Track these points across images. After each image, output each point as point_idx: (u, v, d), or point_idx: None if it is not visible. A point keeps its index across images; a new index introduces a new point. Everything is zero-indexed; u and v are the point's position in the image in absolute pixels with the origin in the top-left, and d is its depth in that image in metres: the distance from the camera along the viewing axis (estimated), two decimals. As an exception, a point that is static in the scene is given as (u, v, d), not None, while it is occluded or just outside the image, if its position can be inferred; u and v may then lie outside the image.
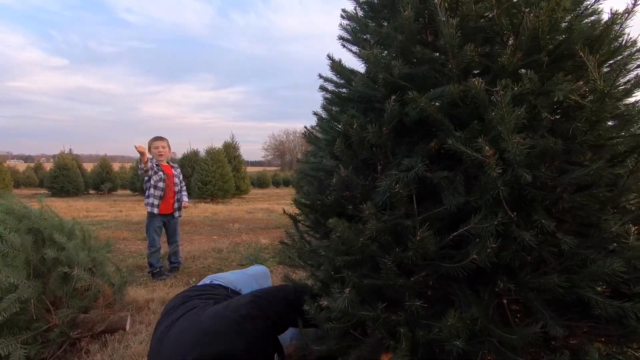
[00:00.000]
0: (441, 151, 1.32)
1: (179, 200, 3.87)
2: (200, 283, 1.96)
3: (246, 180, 14.66)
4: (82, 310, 2.02)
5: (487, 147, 0.98)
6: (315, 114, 1.64)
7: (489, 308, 1.18)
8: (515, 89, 1.10)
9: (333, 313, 1.10)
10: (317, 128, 1.72)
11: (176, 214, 3.85)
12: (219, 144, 14.51)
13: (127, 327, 2.17)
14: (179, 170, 4.01)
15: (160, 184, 3.71)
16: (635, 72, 1.30)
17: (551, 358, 1.10)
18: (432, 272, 1.16)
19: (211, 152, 12.66)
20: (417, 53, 1.30)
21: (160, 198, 3.72)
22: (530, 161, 1.08)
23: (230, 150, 14.52)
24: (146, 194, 3.79)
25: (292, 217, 1.60)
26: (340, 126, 1.44)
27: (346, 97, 1.60)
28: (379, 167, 1.29)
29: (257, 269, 2.27)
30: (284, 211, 1.64)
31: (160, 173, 3.74)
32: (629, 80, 1.27)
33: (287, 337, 1.80)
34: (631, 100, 1.23)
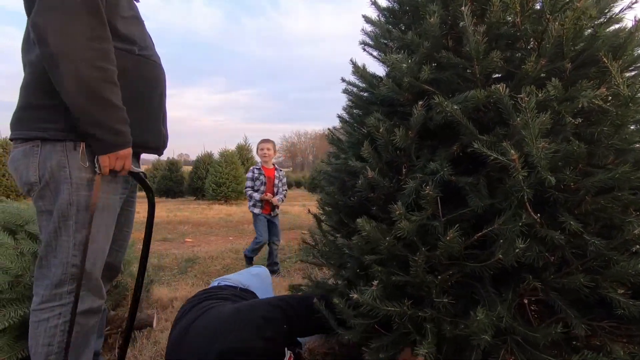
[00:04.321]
0: (461, 155, 1.36)
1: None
2: (210, 286, 2.04)
3: (259, 182, 14.80)
4: (111, 307, 2.11)
5: (512, 151, 1.02)
6: (339, 116, 1.69)
7: (512, 307, 1.22)
8: (540, 95, 1.13)
9: (361, 307, 1.15)
10: (340, 130, 1.77)
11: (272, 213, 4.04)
12: (232, 146, 14.71)
13: (154, 324, 2.25)
14: (282, 172, 4.26)
15: (263, 188, 4.00)
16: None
17: (573, 357, 1.13)
18: (457, 271, 1.20)
19: (225, 154, 12.83)
20: (442, 58, 1.34)
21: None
22: (554, 164, 1.11)
23: (243, 152, 14.68)
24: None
25: (316, 217, 1.65)
26: (364, 129, 1.49)
27: (369, 101, 1.65)
28: (404, 170, 1.33)
29: (258, 269, 2.36)
30: (309, 211, 1.69)
31: (263, 177, 4.02)
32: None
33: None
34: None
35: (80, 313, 1.30)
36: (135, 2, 1.55)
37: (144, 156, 1.65)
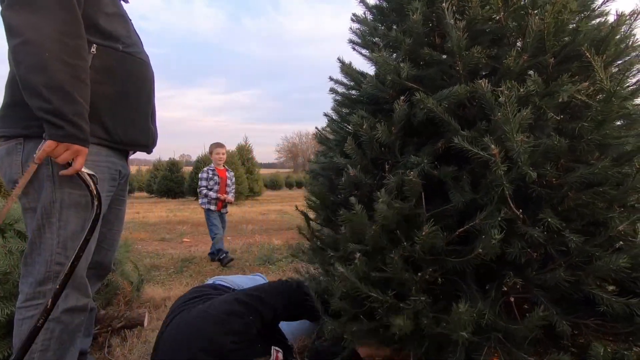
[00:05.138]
0: (449, 151, 1.35)
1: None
2: (205, 284, 2.03)
3: (259, 183, 14.82)
4: (101, 306, 2.11)
5: (492, 146, 1.01)
6: (325, 115, 1.69)
7: (496, 304, 1.21)
8: (521, 90, 1.12)
9: (346, 284, 1.15)
10: (327, 129, 1.77)
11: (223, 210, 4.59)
12: (232, 147, 14.72)
13: (145, 324, 2.25)
14: (232, 173, 4.87)
15: (216, 187, 4.49)
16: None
17: (557, 356, 1.12)
18: (440, 267, 1.19)
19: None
20: (425, 55, 1.33)
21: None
22: (535, 160, 1.10)
23: (243, 152, 14.70)
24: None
25: (304, 214, 1.65)
26: (350, 127, 1.49)
27: (356, 99, 1.65)
28: (387, 167, 1.33)
29: (256, 276, 2.36)
30: (297, 208, 1.69)
31: (217, 178, 4.53)
32: (638, 81, 1.29)
33: (299, 328, 1.85)
34: (639, 100, 1.24)
35: (64, 311, 1.30)
36: (123, 1, 1.56)
37: (142, 156, 1.64)
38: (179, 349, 1.38)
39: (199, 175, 4.61)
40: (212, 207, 4.43)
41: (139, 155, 1.71)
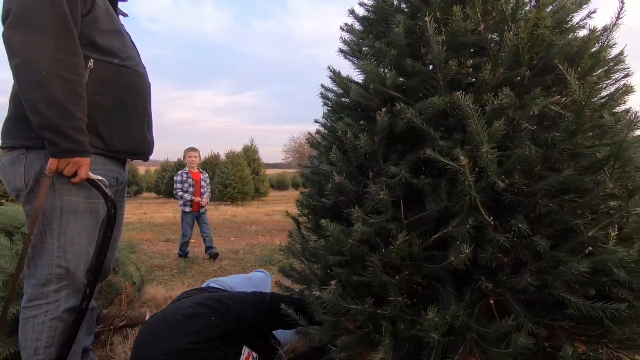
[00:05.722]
0: (431, 159, 1.41)
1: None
2: (198, 287, 2.10)
3: (265, 183, 14.92)
4: (103, 306, 2.20)
5: (462, 157, 1.07)
6: (316, 121, 1.75)
7: (474, 307, 1.26)
8: (495, 103, 1.17)
9: (325, 304, 1.21)
10: (318, 134, 1.83)
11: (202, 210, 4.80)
12: (238, 147, 14.86)
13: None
14: (206, 175, 5.03)
15: (191, 189, 4.72)
16: (617, 85, 1.36)
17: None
18: (417, 271, 1.25)
19: (231, 156, 12.98)
20: (407, 66, 1.39)
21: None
22: (508, 168, 1.16)
23: (249, 153, 14.82)
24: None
25: (294, 219, 1.71)
26: (336, 134, 1.55)
27: (345, 106, 1.71)
28: (371, 174, 1.39)
29: (258, 274, 2.40)
30: (287, 213, 1.75)
31: (191, 180, 4.75)
32: (615, 92, 1.33)
33: (289, 334, 1.91)
34: (616, 110, 1.29)
35: (65, 310, 1.39)
36: (122, 15, 1.64)
37: (151, 157, 1.71)
38: (142, 351, 1.45)
39: (174, 178, 4.88)
40: (187, 209, 4.68)
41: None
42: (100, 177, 1.35)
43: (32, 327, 1.36)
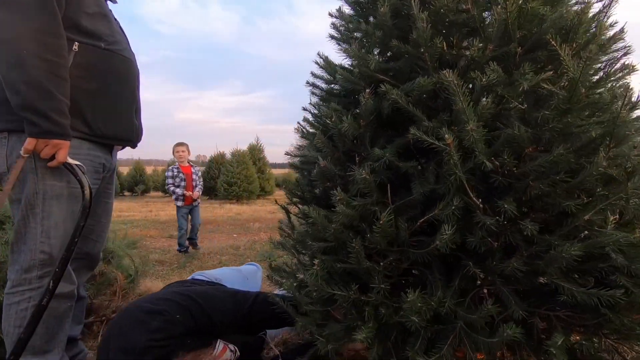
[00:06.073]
0: (420, 142, 1.36)
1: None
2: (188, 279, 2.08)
3: (271, 182, 14.92)
4: (92, 296, 2.19)
5: (447, 135, 1.02)
6: (304, 109, 1.71)
7: (465, 295, 1.21)
8: (483, 79, 1.12)
9: (308, 288, 1.17)
10: (306, 123, 1.79)
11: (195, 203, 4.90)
12: (244, 147, 14.88)
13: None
14: (197, 168, 5.11)
15: (183, 183, 4.81)
16: (619, 62, 1.30)
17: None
18: (404, 258, 1.20)
19: (236, 155, 13.00)
20: (393, 47, 1.34)
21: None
22: (496, 149, 1.10)
23: (255, 152, 14.82)
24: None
25: (284, 207, 1.67)
26: (322, 120, 1.51)
27: (334, 93, 1.67)
28: (357, 159, 1.34)
29: (248, 267, 2.37)
30: (276, 202, 1.72)
31: (182, 175, 4.81)
32: (608, 67, 1.27)
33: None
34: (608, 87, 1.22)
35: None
36: (111, 2, 1.61)
37: (158, 157, 1.70)
38: (103, 347, 1.44)
39: (166, 173, 5.00)
40: (180, 203, 4.78)
41: (156, 155, 1.77)
42: (78, 163, 1.32)
43: (15, 313, 1.34)
